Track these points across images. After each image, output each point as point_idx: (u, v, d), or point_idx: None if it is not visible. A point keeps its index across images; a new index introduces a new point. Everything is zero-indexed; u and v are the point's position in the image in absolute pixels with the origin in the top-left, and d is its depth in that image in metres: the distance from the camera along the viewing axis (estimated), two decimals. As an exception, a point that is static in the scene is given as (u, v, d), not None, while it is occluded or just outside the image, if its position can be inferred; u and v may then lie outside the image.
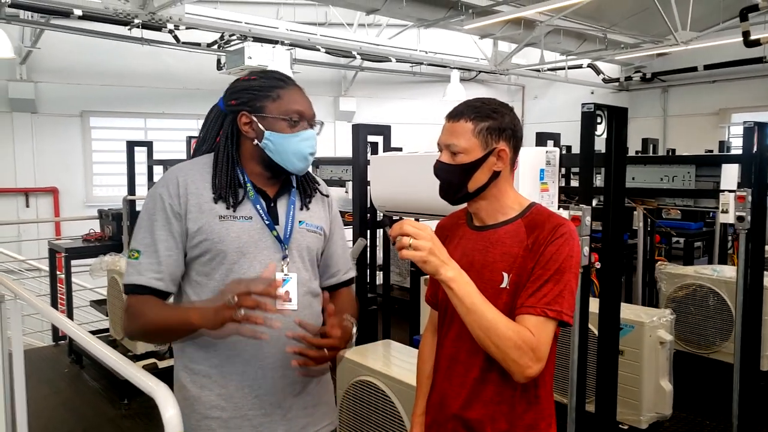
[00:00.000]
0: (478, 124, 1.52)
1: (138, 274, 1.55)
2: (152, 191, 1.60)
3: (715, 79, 11.15)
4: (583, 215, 2.42)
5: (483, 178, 1.55)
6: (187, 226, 1.56)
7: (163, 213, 1.56)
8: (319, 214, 1.75)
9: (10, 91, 8.86)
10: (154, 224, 1.56)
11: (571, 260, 1.48)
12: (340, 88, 12.17)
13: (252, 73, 1.65)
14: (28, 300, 2.51)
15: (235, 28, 8.16)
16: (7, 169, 9.02)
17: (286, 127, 1.58)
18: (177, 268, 1.58)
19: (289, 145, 1.58)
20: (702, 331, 4.36)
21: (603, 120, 2.48)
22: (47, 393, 4.65)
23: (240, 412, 1.58)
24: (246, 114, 1.60)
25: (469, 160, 1.52)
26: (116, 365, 1.74)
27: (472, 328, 1.42)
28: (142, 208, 1.62)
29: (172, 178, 1.59)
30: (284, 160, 1.60)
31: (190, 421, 1.59)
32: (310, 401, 1.70)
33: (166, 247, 1.55)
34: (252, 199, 1.61)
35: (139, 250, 1.56)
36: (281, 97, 1.59)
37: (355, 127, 3.66)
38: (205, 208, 1.57)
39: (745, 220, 3.29)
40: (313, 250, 1.70)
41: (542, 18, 8.90)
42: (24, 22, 7.75)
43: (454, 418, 1.59)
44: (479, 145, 1.52)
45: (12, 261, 7.66)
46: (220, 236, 1.55)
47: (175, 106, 10.24)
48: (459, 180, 1.55)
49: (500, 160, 1.54)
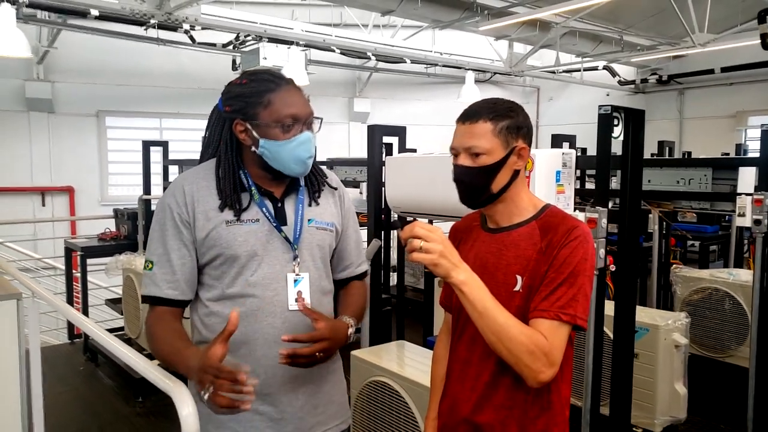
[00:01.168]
0: (498, 124, 1.50)
1: (154, 285, 1.58)
2: (161, 201, 1.62)
3: (732, 81, 11.06)
4: (600, 217, 2.41)
5: (505, 178, 1.53)
6: (196, 234, 1.58)
7: (173, 222, 1.58)
8: (330, 210, 1.74)
9: (27, 91, 8.94)
10: (165, 234, 1.59)
11: (585, 263, 1.47)
12: (354, 89, 12.19)
13: (243, 75, 1.63)
14: (46, 298, 2.54)
15: (251, 28, 8.19)
16: (24, 169, 9.10)
17: (280, 133, 1.56)
18: (192, 275, 1.61)
19: (285, 151, 1.57)
20: (717, 334, 4.33)
21: (620, 122, 2.47)
22: (62, 390, 4.69)
23: (252, 407, 1.58)
24: (240, 122, 1.59)
25: (493, 161, 1.50)
26: (134, 363, 1.75)
27: (484, 332, 1.41)
28: (153, 218, 1.64)
29: (179, 188, 1.60)
30: (282, 166, 1.59)
31: (201, 414, 1.60)
32: (322, 400, 1.70)
33: (179, 256, 1.58)
34: (257, 202, 1.61)
35: (153, 261, 1.59)
36: (272, 102, 1.56)
37: (371, 128, 3.66)
38: (212, 215, 1.58)
39: (762, 224, 3.27)
40: (323, 248, 1.70)
41: (558, 20, 8.87)
42: (41, 22, 7.82)
43: (464, 422, 1.58)
44: (501, 145, 1.50)
45: (28, 259, 7.73)
46: (227, 242, 1.56)
47: (190, 106, 10.30)
48: (483, 182, 1.52)
49: (521, 158, 1.53)
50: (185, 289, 1.60)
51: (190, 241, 1.58)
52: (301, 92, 1.62)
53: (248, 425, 1.60)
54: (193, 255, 1.59)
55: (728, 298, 4.26)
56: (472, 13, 8.38)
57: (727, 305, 4.27)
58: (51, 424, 2.76)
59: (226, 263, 1.58)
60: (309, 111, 1.61)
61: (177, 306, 1.60)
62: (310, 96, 1.67)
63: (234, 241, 1.57)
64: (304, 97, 1.62)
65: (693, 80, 11.64)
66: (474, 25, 8.54)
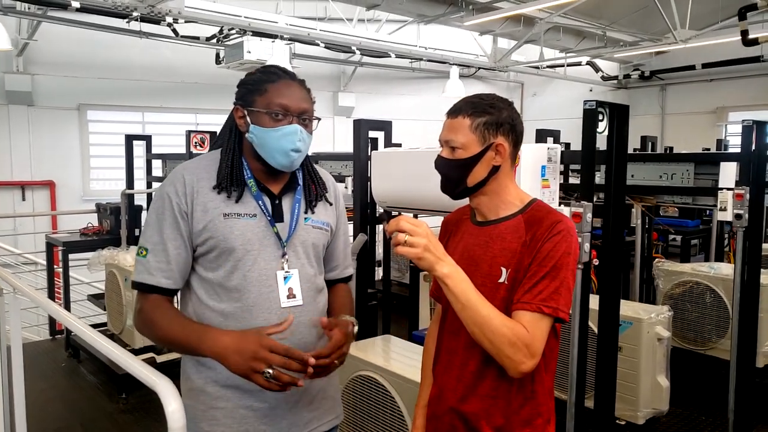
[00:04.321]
0: (475, 120, 1.54)
1: (148, 273, 1.57)
2: (160, 190, 1.62)
3: (713, 77, 11.19)
4: (585, 212, 2.43)
5: (482, 173, 1.56)
6: (193, 225, 1.57)
7: (171, 212, 1.57)
8: (326, 210, 1.75)
9: (7, 84, 8.82)
10: (162, 223, 1.57)
11: (568, 257, 1.49)
12: (339, 83, 12.15)
13: (259, 68, 1.66)
14: (28, 294, 2.51)
15: (235, 22, 8.14)
16: (4, 162, 8.98)
17: (269, 121, 1.57)
18: (186, 266, 1.60)
19: (270, 139, 1.57)
20: (699, 327, 4.38)
21: (605, 117, 2.49)
22: (44, 387, 4.65)
23: (245, 403, 1.58)
24: (239, 108, 1.61)
25: (467, 156, 1.54)
26: (118, 359, 1.73)
27: (467, 323, 1.44)
28: (150, 206, 1.63)
29: (179, 177, 1.60)
30: (267, 154, 1.59)
31: (195, 411, 1.60)
32: (316, 395, 1.71)
33: (174, 246, 1.57)
34: (255, 195, 1.61)
35: (148, 249, 1.58)
36: (268, 90, 1.58)
37: (357, 123, 3.66)
38: (210, 207, 1.57)
39: (742, 218, 3.31)
40: (318, 247, 1.71)
41: (542, 15, 8.91)
42: (21, 13, 7.72)
43: (451, 411, 1.60)
44: (477, 141, 1.54)
45: (8, 254, 7.63)
46: (224, 234, 1.56)
47: (173, 100, 10.22)
48: (458, 175, 1.57)
49: (499, 154, 1.56)
50: (178, 279, 1.59)
51: (186, 232, 1.57)
52: (303, 90, 1.63)
53: (243, 421, 1.59)
54: (188, 246, 1.58)
55: (709, 291, 4.31)
56: (457, 8, 8.39)
57: (708, 299, 4.32)
58: (33, 422, 2.73)
59: (222, 256, 1.57)
60: (303, 107, 1.60)
61: (169, 294, 1.60)
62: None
63: (231, 234, 1.56)
64: (305, 94, 1.62)
65: (675, 76, 11.76)
66: (459, 20, 8.56)
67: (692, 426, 3.86)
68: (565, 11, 8.70)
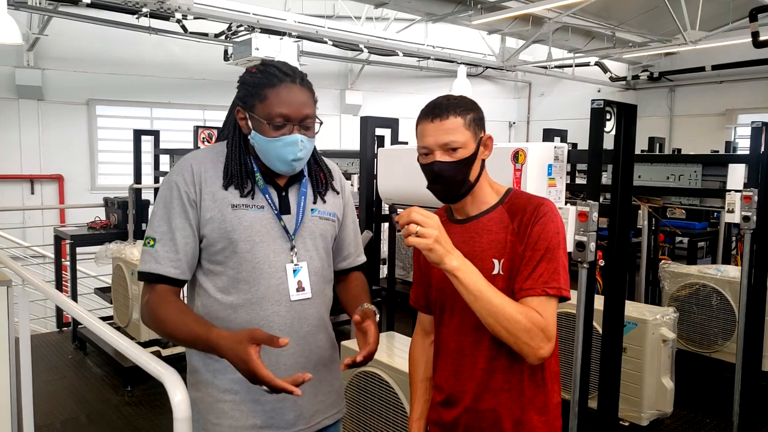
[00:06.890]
0: (466, 117, 1.54)
1: (155, 262, 1.55)
2: (167, 179, 1.61)
3: (723, 79, 11.14)
4: (591, 211, 2.42)
5: (478, 168, 1.58)
6: (201, 215, 1.56)
7: (179, 201, 1.56)
8: (333, 201, 1.75)
9: (17, 78, 8.87)
10: (171, 212, 1.56)
11: (558, 236, 1.52)
12: (346, 81, 12.16)
13: (259, 65, 1.62)
14: (38, 285, 2.53)
15: (243, 18, 8.16)
16: (13, 156, 9.05)
17: (268, 130, 1.54)
18: (194, 256, 1.59)
19: (271, 149, 1.56)
20: (704, 330, 4.37)
21: (612, 117, 2.48)
22: (51, 379, 4.67)
23: (252, 396, 1.59)
24: (241, 110, 1.60)
25: (469, 154, 1.54)
26: (125, 350, 1.75)
27: (482, 315, 1.43)
28: (158, 196, 1.62)
29: (187, 167, 1.59)
30: (268, 161, 1.59)
31: (203, 403, 1.61)
32: (321, 389, 1.72)
33: (183, 236, 1.56)
34: (262, 189, 1.61)
35: (155, 238, 1.57)
36: (268, 98, 1.54)
37: (364, 120, 3.66)
38: (218, 197, 1.57)
39: (750, 220, 3.29)
40: (326, 238, 1.71)
41: (551, 15, 8.90)
42: (32, 8, 7.76)
43: (466, 411, 1.59)
44: (472, 137, 1.55)
45: (17, 247, 7.68)
46: (232, 225, 1.56)
47: (181, 96, 10.26)
48: (463, 175, 1.56)
49: (487, 148, 1.59)
50: (185, 270, 1.58)
51: (195, 221, 1.56)
52: (305, 91, 1.58)
53: (250, 414, 1.60)
54: (196, 236, 1.57)
55: (716, 294, 4.29)
56: (466, 6, 8.39)
57: (714, 301, 4.31)
58: (40, 413, 2.76)
59: (229, 247, 1.56)
60: (304, 113, 1.56)
61: (176, 285, 1.58)
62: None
63: (239, 225, 1.56)
64: (306, 97, 1.58)
65: (684, 77, 11.70)
66: (467, 18, 8.55)
67: (696, 428, 3.85)
68: (574, 11, 8.69)
